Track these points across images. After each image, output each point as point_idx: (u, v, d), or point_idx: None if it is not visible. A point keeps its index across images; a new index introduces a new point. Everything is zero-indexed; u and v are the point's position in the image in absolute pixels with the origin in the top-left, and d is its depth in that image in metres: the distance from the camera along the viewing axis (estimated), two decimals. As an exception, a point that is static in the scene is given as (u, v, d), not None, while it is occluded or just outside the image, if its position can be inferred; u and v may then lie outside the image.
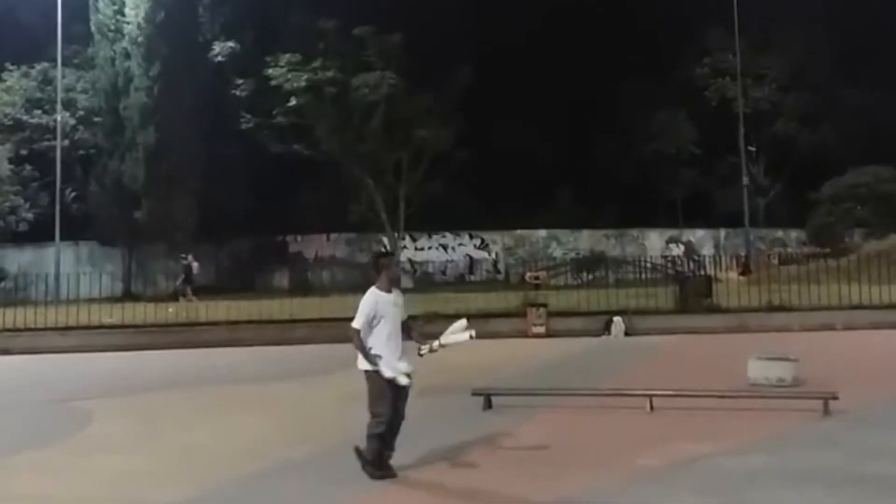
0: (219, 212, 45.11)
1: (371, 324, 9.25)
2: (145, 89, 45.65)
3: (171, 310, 29.56)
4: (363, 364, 9.29)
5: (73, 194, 47.06)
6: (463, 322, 9.88)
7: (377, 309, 9.25)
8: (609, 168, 53.22)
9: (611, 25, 51.92)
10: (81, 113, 47.89)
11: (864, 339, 22.36)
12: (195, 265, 39.72)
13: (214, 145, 46.55)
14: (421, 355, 9.58)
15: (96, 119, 47.23)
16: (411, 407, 13.12)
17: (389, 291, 9.45)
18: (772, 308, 26.46)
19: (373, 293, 9.38)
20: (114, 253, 47.80)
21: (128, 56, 46.44)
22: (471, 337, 9.66)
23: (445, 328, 9.85)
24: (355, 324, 9.26)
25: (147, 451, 11.19)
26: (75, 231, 46.01)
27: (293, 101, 47.02)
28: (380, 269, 9.67)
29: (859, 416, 11.87)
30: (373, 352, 9.25)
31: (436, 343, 9.67)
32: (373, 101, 47.07)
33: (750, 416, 12.04)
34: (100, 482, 9.54)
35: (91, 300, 30.60)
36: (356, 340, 9.27)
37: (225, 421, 13.24)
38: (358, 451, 9.35)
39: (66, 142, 46.09)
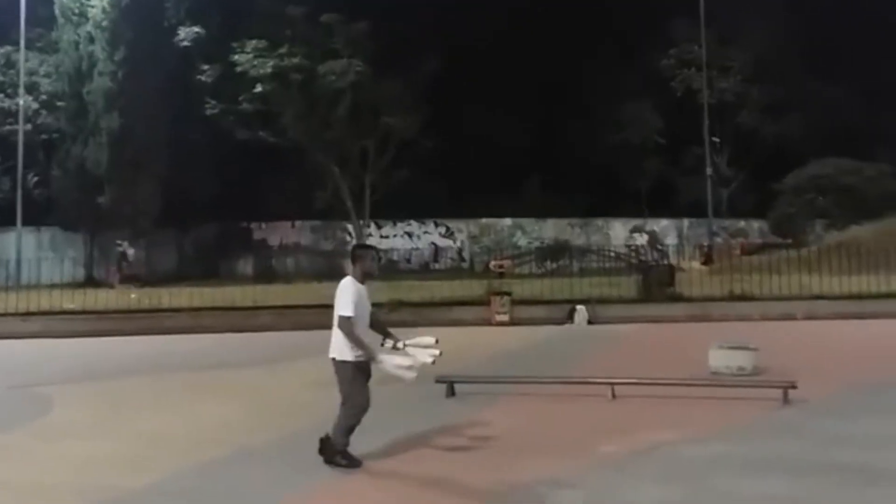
0: (183, 198, 44.84)
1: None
2: (109, 74, 45.21)
3: (133, 296, 29.42)
4: (338, 353, 9.25)
5: (36, 179, 46.63)
6: (431, 340, 9.85)
7: (356, 298, 9.25)
8: (575, 157, 53.31)
9: (579, 15, 52.00)
10: (44, 97, 47.41)
11: (825, 328, 22.59)
12: (130, 252, 39.48)
13: (179, 131, 46.22)
14: (382, 345, 9.57)
15: (59, 103, 46.73)
16: (375, 394, 13.17)
17: (363, 283, 9.43)
18: (733, 297, 26.71)
19: (351, 282, 9.37)
20: (76, 238, 47.41)
21: (92, 40, 45.94)
22: (432, 360, 9.61)
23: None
24: (345, 311, 9.18)
25: (109, 437, 11.14)
26: (37, 216, 45.66)
27: (259, 88, 46.78)
28: (355, 261, 9.69)
29: (818, 405, 12.00)
30: (342, 341, 9.23)
31: (400, 343, 9.66)
32: (339, 89, 46.91)
33: (711, 405, 12.14)
34: (61, 469, 9.49)
35: (53, 286, 30.45)
36: (347, 328, 9.19)
37: (188, 407, 13.20)
38: (325, 442, 9.30)
39: (29, 126, 45.66)
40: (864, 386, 13.64)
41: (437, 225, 54.38)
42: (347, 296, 9.25)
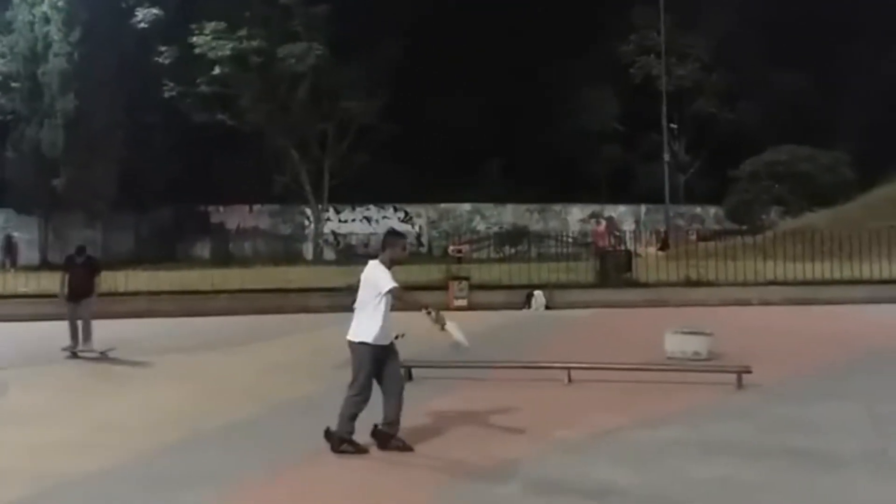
0: (140, 181, 44.58)
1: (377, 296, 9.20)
2: (65, 55, 44.73)
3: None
4: (357, 335, 9.23)
5: (-10, 160, 46.17)
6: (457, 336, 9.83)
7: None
8: (534, 143, 53.43)
9: (540, 1, 52.08)
10: (-1, 78, 46.92)
11: (779, 314, 22.81)
12: (15, 235, 39.31)
13: (136, 113, 45.92)
14: (428, 313, 9.51)
15: (14, 84, 46.16)
16: (333, 377, 13.18)
17: (389, 268, 9.40)
18: (689, 283, 26.90)
19: (381, 267, 9.34)
20: (31, 221, 47.00)
21: (47, 20, 45.40)
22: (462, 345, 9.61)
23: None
24: (391, 283, 9.16)
25: (64, 421, 11.07)
26: (-9, 198, 45.26)
27: (217, 70, 46.55)
28: (386, 246, 9.67)
29: (772, 390, 12.12)
30: (379, 325, 9.19)
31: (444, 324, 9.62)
32: (299, 72, 46.79)
33: (666, 389, 12.23)
34: (14, 454, 9.42)
35: (5, 268, 30.12)
36: (402, 295, 9.28)
37: (143, 391, 13.14)
38: (331, 433, 9.24)
39: (-17, 107, 45.20)
40: (816, 371, 13.80)
41: (396, 209, 54.37)
42: (383, 272, 9.25)
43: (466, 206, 54.62)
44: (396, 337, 9.57)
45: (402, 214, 54.37)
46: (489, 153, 53.26)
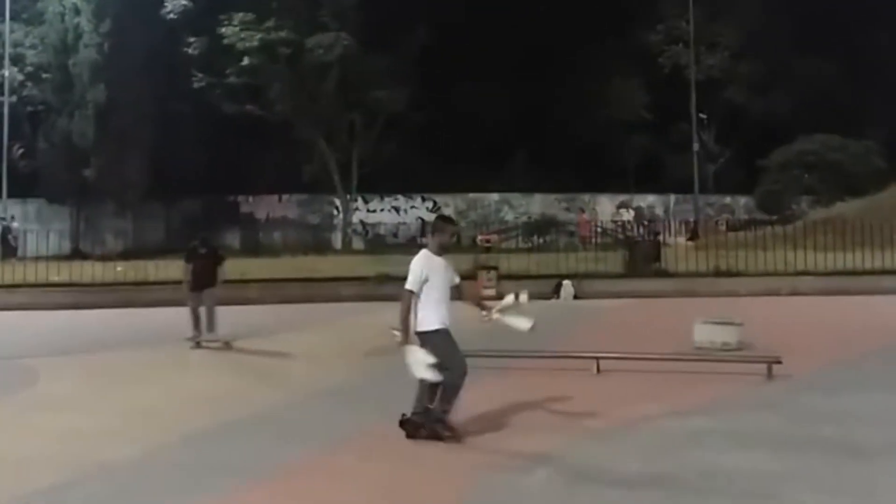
0: (169, 171, 44.73)
1: (425, 284, 9.18)
2: (95, 46, 44.97)
3: (119, 269, 29.35)
4: (419, 325, 9.20)
5: (21, 151, 46.45)
6: (511, 299, 9.86)
7: (427, 271, 9.21)
8: (562, 133, 53.23)
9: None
10: (30, 69, 47.20)
11: (809, 304, 22.68)
12: (14, 226, 39.44)
13: (165, 104, 46.08)
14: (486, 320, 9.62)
15: (45, 75, 46.53)
16: (363, 366, 13.23)
17: (440, 255, 9.41)
18: (719, 273, 26.79)
19: (424, 255, 9.33)
20: (62, 211, 47.32)
21: (77, 11, 45.65)
22: (531, 325, 9.65)
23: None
24: (408, 285, 9.15)
25: (95, 409, 11.15)
26: (23, 188, 45.53)
27: (246, 61, 46.64)
28: (434, 232, 9.71)
29: (802, 381, 12.06)
30: (427, 311, 9.19)
31: (495, 314, 9.75)
32: (327, 62, 46.78)
33: (695, 380, 12.19)
34: (46, 440, 9.49)
35: (38, 258, 30.33)
36: (405, 301, 9.17)
37: (173, 380, 13.23)
38: (408, 421, 9.24)
39: (14, 98, 45.52)
40: (847, 362, 13.72)
41: (424, 199, 54.30)
42: (416, 270, 9.20)
43: (495, 196, 54.49)
44: (488, 318, 9.69)
45: (430, 204, 54.29)
46: (517, 143, 53.08)
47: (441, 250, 9.44)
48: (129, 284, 26.97)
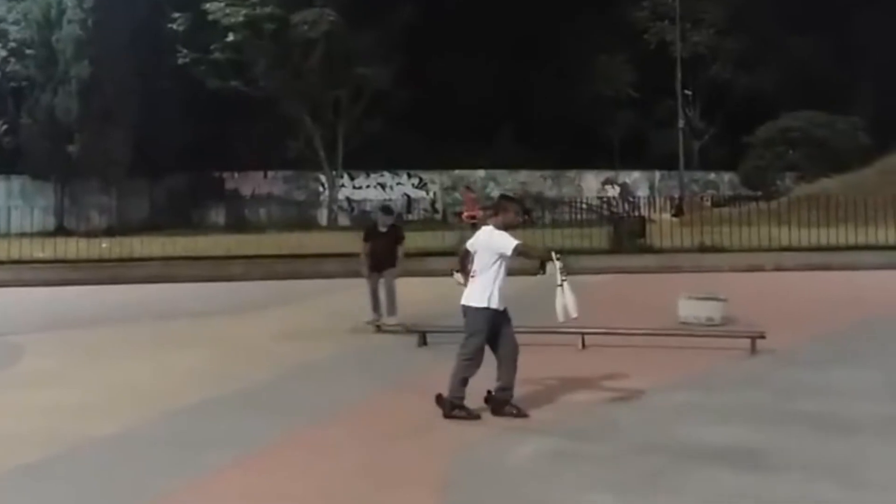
0: (154, 147, 44.58)
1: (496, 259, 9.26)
2: (79, 21, 44.61)
3: (104, 245, 29.28)
4: (471, 300, 9.29)
5: (5, 127, 46.17)
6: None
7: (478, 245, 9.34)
8: (548, 109, 53.21)
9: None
10: (13, 45, 46.77)
11: (793, 280, 22.78)
12: None
13: (150, 80, 45.82)
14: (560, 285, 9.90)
15: (28, 51, 46.13)
16: (348, 341, 13.27)
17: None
18: (703, 249, 26.89)
19: (496, 230, 9.39)
20: (46, 187, 47.10)
21: (60, -13, 45.36)
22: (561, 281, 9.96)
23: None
24: (514, 242, 9.29)
25: (79, 385, 11.13)
26: (7, 164, 45.33)
27: (231, 37, 46.43)
28: (498, 211, 9.72)
29: (785, 356, 12.13)
30: (496, 289, 9.30)
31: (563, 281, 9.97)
32: (312, 38, 46.59)
33: (679, 355, 12.26)
34: (31, 416, 9.49)
35: (22, 234, 30.25)
36: (528, 249, 9.64)
37: (157, 356, 13.20)
38: (441, 398, 9.24)
39: (-3, 74, 45.23)
40: (830, 336, 13.79)
41: (410, 176, 54.29)
42: (501, 235, 9.31)
43: (480, 173, 54.45)
44: (537, 274, 9.80)
45: (416, 181, 54.30)
46: (503, 119, 53.04)
47: (507, 228, 9.46)
48: (113, 261, 26.90)
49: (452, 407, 9.09)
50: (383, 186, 54.19)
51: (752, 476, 7.20)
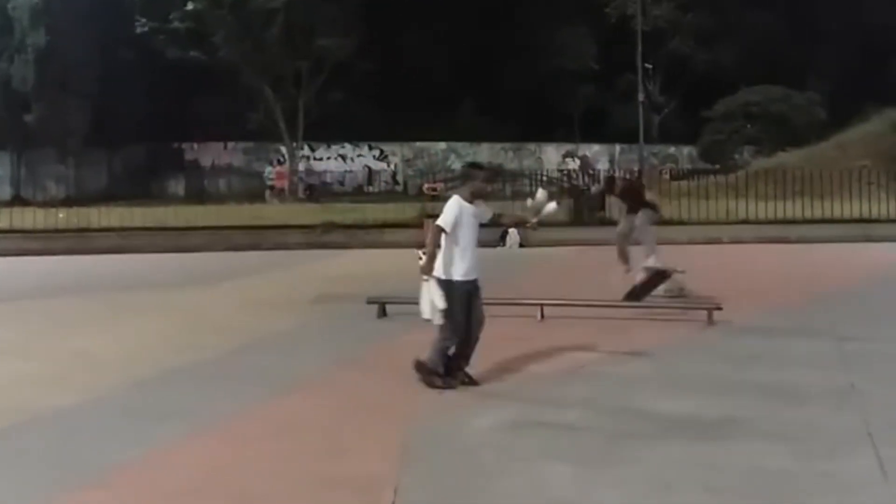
0: (113, 117, 44.29)
1: (454, 231, 9.11)
2: (35, -11, 44.15)
3: (61, 215, 29.05)
4: (437, 271, 9.15)
5: (-40, 96, 45.69)
6: (540, 195, 10.04)
7: (460, 218, 9.19)
8: (509, 82, 53.31)
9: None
10: (-32, 13, 46.27)
11: (750, 252, 22.99)
12: None
13: (108, 49, 45.46)
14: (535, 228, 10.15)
15: (-17, 20, 45.66)
16: (308, 312, 13.27)
17: (471, 202, 9.38)
18: (662, 222, 26.96)
19: (456, 201, 9.27)
20: (2, 157, 46.72)
21: (17, -46, 44.78)
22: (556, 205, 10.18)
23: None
24: (441, 222, 9.09)
25: (36, 356, 11.09)
26: (-38, 134, 44.85)
27: (190, 6, 46.10)
28: (465, 180, 9.70)
29: (742, 326, 12.27)
30: (451, 260, 9.16)
31: (534, 220, 10.16)
32: (273, 9, 46.34)
33: (637, 326, 12.39)
34: (-11, 387, 9.47)
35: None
36: (433, 238, 9.14)
37: (117, 327, 13.16)
38: (420, 364, 9.26)
39: (-48, 42, 44.65)
40: (786, 308, 13.96)
41: (370, 148, 54.30)
42: (448, 211, 9.16)
43: (441, 145, 54.57)
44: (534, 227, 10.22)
45: (377, 153, 54.28)
46: (464, 92, 53.09)
47: (472, 198, 9.39)
48: (71, 231, 26.72)
49: (430, 374, 9.16)
50: (344, 158, 54.17)
51: (706, 446, 7.30)
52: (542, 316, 12.88)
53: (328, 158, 53.87)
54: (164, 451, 7.37)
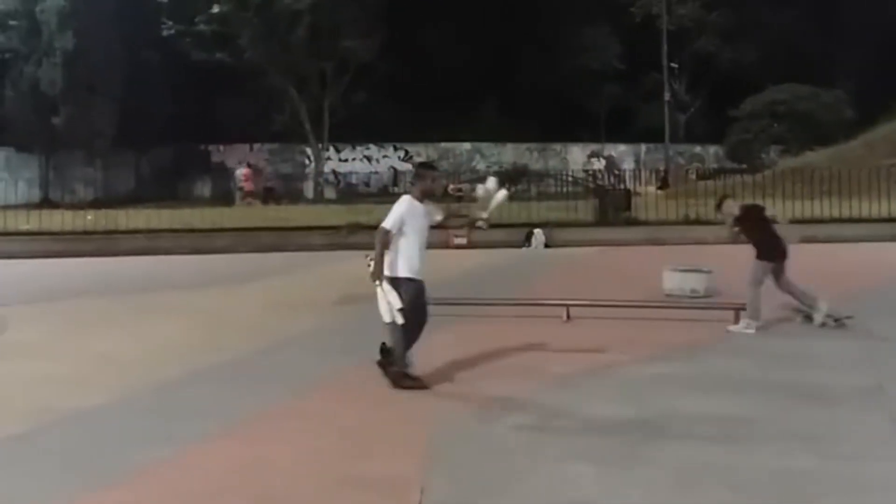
0: (140, 120, 44.40)
1: (401, 230, 9.20)
2: (62, -8, 44.40)
3: (89, 217, 29.21)
4: (389, 269, 9.22)
5: (-12, 99, 45.99)
6: (490, 183, 10.05)
7: (407, 217, 9.24)
8: (534, 82, 53.21)
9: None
10: (-4, 16, 46.57)
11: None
12: None
13: (135, 52, 45.62)
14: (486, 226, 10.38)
15: (12, 22, 45.87)
16: (332, 313, 13.28)
17: (421, 202, 9.43)
18: (688, 221, 26.95)
19: (407, 200, 9.35)
20: (31, 159, 46.97)
21: (44, -43, 45.03)
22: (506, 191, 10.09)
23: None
24: (387, 224, 9.17)
25: (63, 357, 11.14)
26: (-9, 137, 45.18)
27: (216, 9, 46.20)
28: (416, 179, 9.81)
29: (769, 326, 12.22)
30: (399, 258, 9.22)
31: (484, 216, 10.25)
32: (298, 10, 46.35)
33: (663, 326, 12.32)
34: (15, 388, 9.51)
35: (7, 207, 30.17)
36: (380, 238, 9.19)
37: (142, 328, 13.21)
38: (386, 359, 9.35)
39: (-19, 46, 44.98)
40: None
41: (396, 149, 54.26)
42: (395, 211, 9.25)
43: (466, 146, 54.48)
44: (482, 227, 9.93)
45: (402, 153, 54.25)
46: (489, 92, 52.97)
47: (424, 196, 9.48)
48: (98, 233, 26.86)
49: (397, 376, 9.20)
50: (369, 159, 54.17)
51: (730, 447, 7.27)
52: (568, 317, 12.85)
53: (353, 160, 53.91)
54: (187, 452, 7.40)
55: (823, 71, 49.92)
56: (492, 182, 10.21)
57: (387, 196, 46.48)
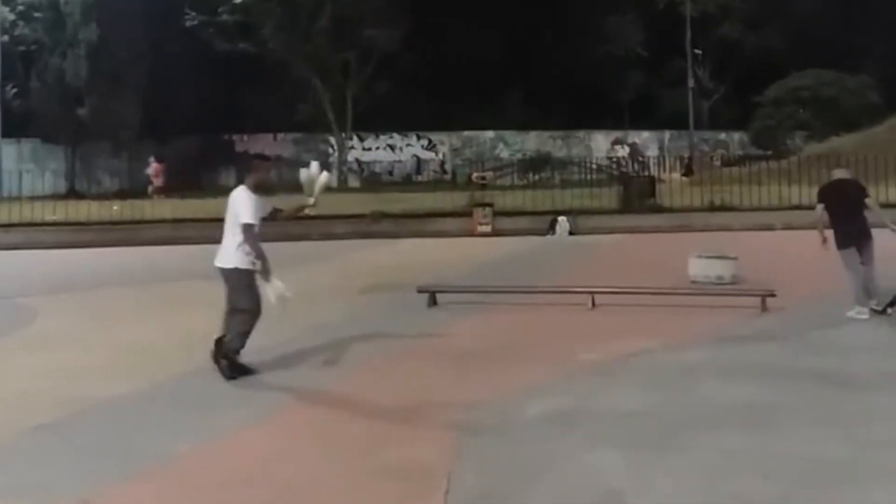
0: (163, 110, 44.50)
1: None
2: (86, -16, 44.55)
3: (115, 208, 29.36)
4: (235, 262, 9.54)
5: (14, 91, 46.14)
6: (313, 167, 10.09)
7: (258, 209, 9.46)
8: (557, 69, 53.07)
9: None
10: (21, 8, 46.72)
11: (802, 238, 22.67)
12: None
13: (158, 43, 45.72)
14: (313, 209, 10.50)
15: (37, 14, 46.08)
16: (358, 301, 13.29)
17: (255, 193, 9.51)
18: (713, 208, 26.91)
19: (246, 192, 9.49)
20: (57, 150, 47.18)
21: (68, -51, 45.19)
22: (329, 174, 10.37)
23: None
24: (249, 219, 9.27)
25: (90, 347, 11.20)
26: (18, 128, 45.31)
27: (238, -1, 46.31)
28: (250, 171, 9.98)
29: (795, 313, 12.17)
30: (245, 251, 9.50)
31: (311, 202, 10.58)
32: (320, 0, 46.37)
33: (689, 313, 12.28)
34: (43, 377, 9.55)
35: (34, 198, 30.32)
36: (249, 236, 9.32)
37: (168, 318, 13.27)
38: (218, 352, 9.47)
39: (6, 37, 45.15)
40: (839, 295, 13.77)
41: (419, 137, 54.22)
42: (247, 204, 9.33)
43: (489, 134, 54.39)
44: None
45: (425, 142, 54.23)
46: (512, 80, 52.86)
47: (257, 189, 9.57)
48: (124, 223, 26.99)
49: (225, 357, 9.39)
50: (392, 148, 54.17)
51: (758, 434, 7.24)
52: (594, 304, 12.81)
53: (377, 148, 53.91)
54: (214, 442, 7.43)
55: (848, 56, 49.57)
56: (314, 166, 10.32)
57: (410, 185, 46.56)
